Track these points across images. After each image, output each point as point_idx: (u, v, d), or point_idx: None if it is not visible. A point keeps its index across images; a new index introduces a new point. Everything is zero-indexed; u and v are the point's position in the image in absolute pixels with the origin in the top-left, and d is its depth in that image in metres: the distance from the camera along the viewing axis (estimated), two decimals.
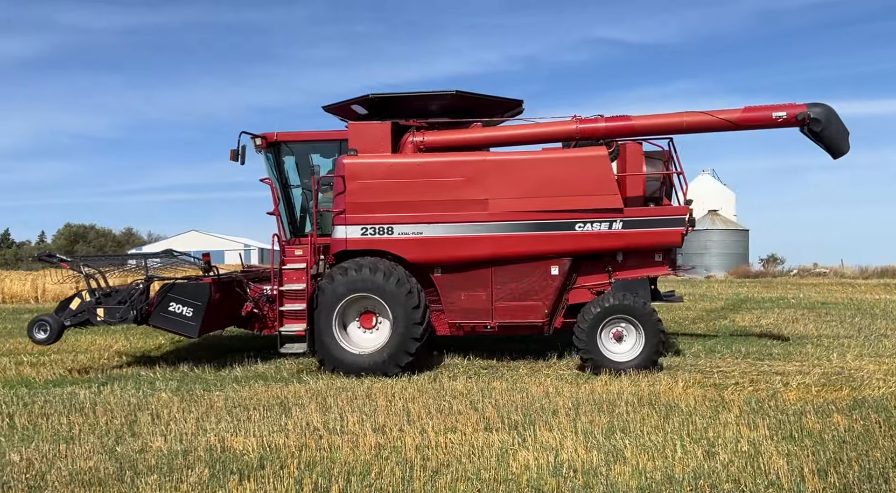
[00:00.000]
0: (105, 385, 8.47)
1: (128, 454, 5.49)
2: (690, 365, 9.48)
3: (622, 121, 9.90)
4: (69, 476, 4.87)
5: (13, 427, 6.45)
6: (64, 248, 77.08)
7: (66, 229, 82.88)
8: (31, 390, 8.34)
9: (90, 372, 9.69)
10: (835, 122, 9.69)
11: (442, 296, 9.96)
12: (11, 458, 5.33)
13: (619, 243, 9.63)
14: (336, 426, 6.26)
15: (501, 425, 6.21)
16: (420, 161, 9.92)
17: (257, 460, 5.26)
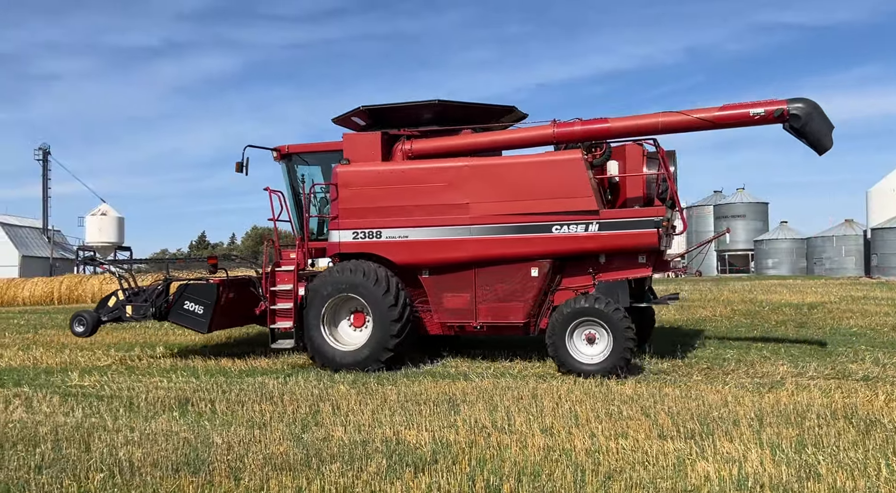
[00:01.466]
0: (290, 376, 9.14)
1: (313, 441, 5.87)
2: (893, 376, 8.52)
3: (598, 124, 9.98)
4: (263, 460, 5.30)
5: (214, 412, 7.13)
6: (251, 249, 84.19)
7: (253, 232, 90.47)
8: (228, 378, 9.17)
9: (277, 364, 10.49)
10: (817, 117, 9.40)
11: (430, 297, 10.33)
12: (215, 440, 5.90)
13: (595, 245, 9.66)
14: (504, 425, 6.30)
15: (676, 433, 5.93)
16: (405, 168, 10.32)
17: (430, 454, 5.43)
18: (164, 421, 6.72)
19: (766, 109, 9.48)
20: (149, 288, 11.25)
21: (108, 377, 9.36)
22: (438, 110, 10.77)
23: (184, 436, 6.06)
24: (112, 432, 6.27)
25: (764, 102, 9.52)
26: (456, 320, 10.28)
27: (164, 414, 7.05)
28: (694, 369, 9.33)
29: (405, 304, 9.99)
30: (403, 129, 10.81)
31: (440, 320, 10.37)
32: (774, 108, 9.46)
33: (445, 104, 10.57)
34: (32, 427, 6.48)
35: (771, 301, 20.29)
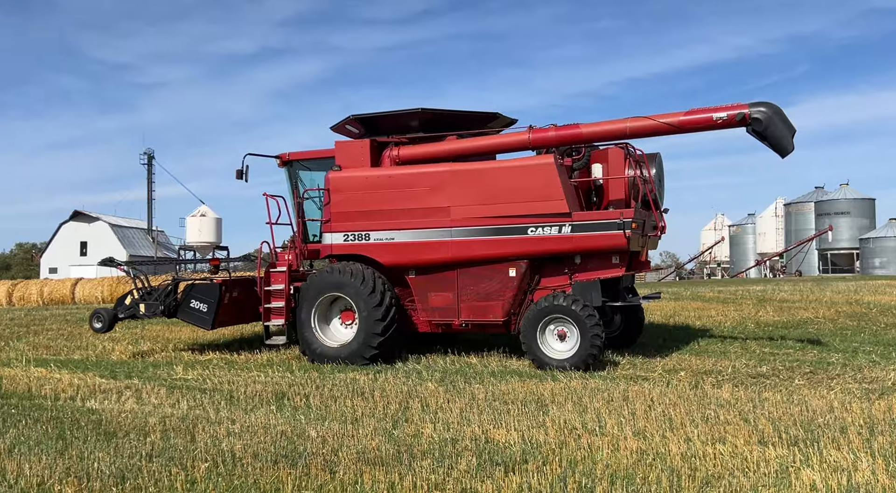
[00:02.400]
0: (380, 373, 9.31)
1: (403, 437, 5.97)
2: None
3: (571, 129, 10.38)
4: (357, 455, 5.43)
5: (309, 407, 7.36)
6: None
7: None
8: (321, 374, 9.44)
9: None
10: (778, 121, 9.54)
11: (416, 296, 10.84)
12: (310, 434, 6.09)
13: (568, 246, 9.95)
14: (594, 427, 6.20)
15: (778, 439, 5.67)
16: (391, 173, 10.83)
17: (520, 454, 5.41)
18: (262, 414, 6.99)
19: (728, 113, 9.70)
20: (159, 288, 12.05)
21: (210, 371, 9.82)
22: (425, 118, 11.24)
23: (281, 429, 6.28)
24: (215, 423, 6.58)
25: (726, 106, 9.79)
26: (440, 318, 10.74)
27: (263, 407, 7.33)
28: (795, 373, 8.90)
29: (390, 303, 10.47)
30: (392, 136, 11.30)
31: (426, 319, 10.84)
32: (736, 112, 9.65)
33: (430, 112, 11.08)
34: (143, 417, 6.88)
35: (879, 303, 19.07)
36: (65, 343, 13.67)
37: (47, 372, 9.90)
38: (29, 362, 11.13)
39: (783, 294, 22.92)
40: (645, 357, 10.40)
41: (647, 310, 18.33)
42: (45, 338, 14.49)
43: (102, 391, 8.31)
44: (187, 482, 4.85)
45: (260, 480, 4.89)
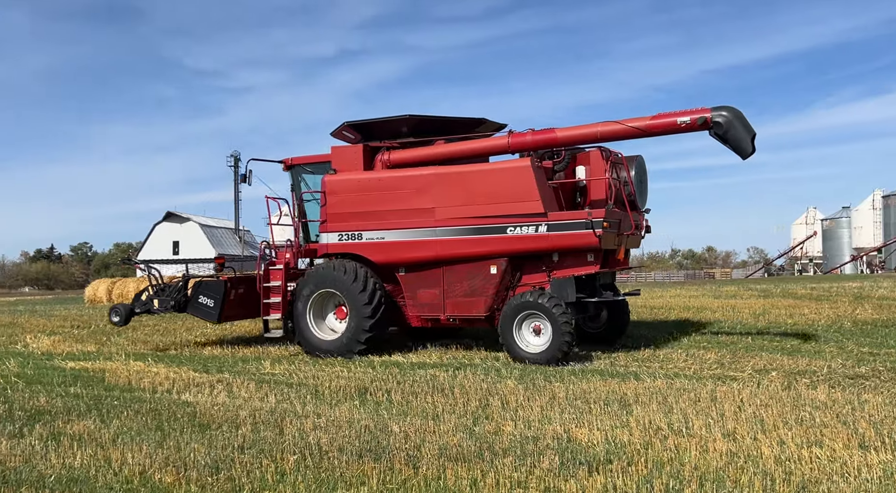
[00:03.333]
0: (459, 370, 9.36)
1: (484, 434, 5.98)
2: None
3: (547, 133, 10.78)
4: (439, 451, 5.47)
5: (391, 402, 7.48)
6: None
7: None
8: (401, 370, 9.57)
9: (445, 358, 10.79)
10: (738, 125, 9.86)
11: (405, 292, 11.44)
12: (393, 429, 6.19)
13: (545, 245, 10.41)
14: (681, 428, 6.03)
15: (881, 444, 5.36)
16: (381, 176, 11.47)
17: (603, 453, 5.33)
18: (346, 409, 7.15)
19: (691, 118, 10.03)
20: (171, 285, 12.90)
21: (296, 366, 10.11)
22: (414, 123, 11.78)
23: (364, 423, 6.41)
24: (301, 417, 6.78)
25: (690, 110, 10.11)
26: (429, 313, 11.34)
27: (346, 402, 7.50)
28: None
29: (379, 300, 11.11)
30: (384, 140, 11.95)
31: (416, 314, 11.46)
32: (698, 116, 9.99)
33: (418, 118, 11.66)
34: (234, 410, 7.16)
35: None
36: (160, 338, 14.37)
37: (145, 366, 10.44)
38: (128, 356, 11.77)
39: (882, 291, 21.63)
40: (733, 357, 10.05)
41: (735, 308, 17.72)
42: (142, 333, 15.29)
43: (196, 385, 8.70)
44: (277, 474, 5.02)
45: (346, 473, 5.01)
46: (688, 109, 10.09)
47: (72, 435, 6.22)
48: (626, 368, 9.46)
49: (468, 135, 11.83)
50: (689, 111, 10.07)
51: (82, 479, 4.97)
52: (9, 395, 8.31)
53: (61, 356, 12.09)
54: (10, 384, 9.14)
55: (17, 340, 14.88)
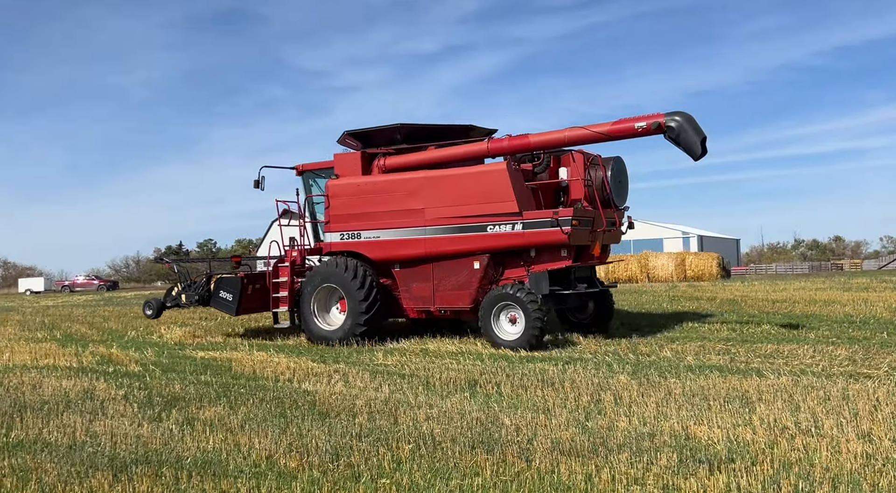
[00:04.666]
0: (568, 364, 9.26)
1: (598, 430, 5.90)
2: None
3: (521, 139, 11.76)
4: (551, 445, 5.45)
5: (501, 395, 7.51)
6: None
7: None
8: (510, 363, 9.58)
9: (554, 353, 10.71)
10: (689, 129, 10.58)
11: (401, 287, 12.45)
12: (504, 421, 6.22)
13: (520, 242, 11.30)
14: (809, 427, 5.70)
15: None
16: (377, 180, 12.60)
17: (725, 452, 5.12)
18: (457, 400, 7.24)
19: (647, 123, 10.88)
20: (196, 281, 14.00)
21: (407, 358, 10.35)
22: (406, 131, 12.76)
23: (475, 415, 6.47)
24: (414, 407, 6.93)
25: (646, 116, 10.97)
26: (422, 305, 12.33)
27: (457, 394, 7.60)
28: None
29: (374, 294, 12.15)
30: (381, 147, 12.98)
31: (411, 306, 12.45)
32: (653, 121, 10.82)
33: (409, 126, 12.68)
34: (350, 400, 7.42)
35: None
36: (280, 330, 15.08)
37: (267, 356, 11.01)
38: (252, 347, 12.45)
39: None
40: (866, 353, 9.38)
41: (867, 302, 16.51)
42: (262, 324, 16.11)
43: (315, 375, 9.08)
44: (394, 462, 5.16)
45: (459, 464, 5.08)
46: (644, 115, 11.03)
47: (204, 420, 6.66)
48: (746, 364, 9.04)
49: (457, 141, 12.68)
50: (645, 117, 10.98)
51: (215, 462, 5.31)
52: (148, 382, 9.00)
53: (192, 346, 12.95)
54: (148, 372, 9.90)
55: (153, 331, 16.07)
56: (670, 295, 22.75)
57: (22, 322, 20.32)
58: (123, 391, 8.28)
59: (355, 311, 12.18)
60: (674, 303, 19.38)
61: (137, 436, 6.10)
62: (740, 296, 20.94)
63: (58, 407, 7.41)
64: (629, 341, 11.37)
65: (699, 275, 40.81)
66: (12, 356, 12.11)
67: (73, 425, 6.57)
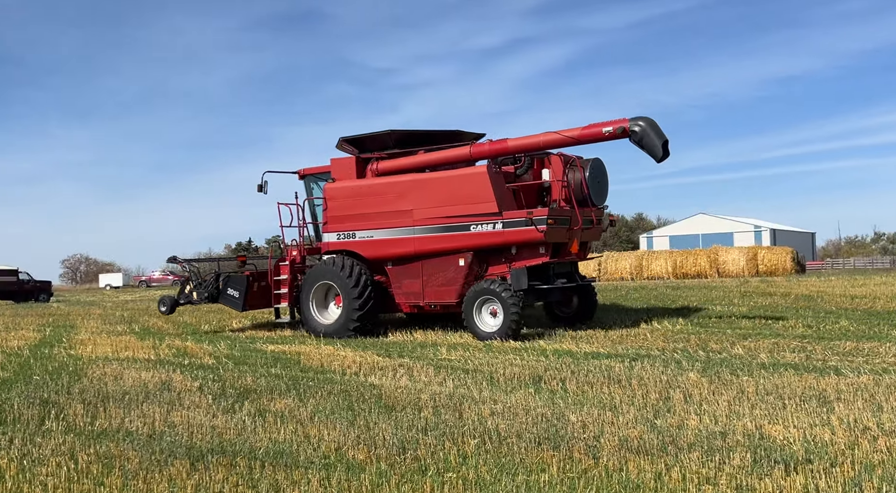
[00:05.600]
0: (635, 361, 9.10)
1: (666, 428, 5.78)
2: None
3: (500, 143, 12.47)
4: (618, 442, 5.37)
5: (566, 391, 7.44)
6: None
7: None
8: (575, 359, 9.49)
9: (619, 349, 10.55)
10: (651, 133, 11.20)
11: (393, 283, 13.23)
12: (570, 418, 6.16)
13: (501, 240, 11.99)
14: (893, 428, 5.45)
15: None
16: (371, 183, 13.40)
17: (802, 452, 4.94)
18: (521, 396, 7.22)
19: (613, 127, 11.52)
20: (207, 279, 14.91)
21: (470, 353, 10.38)
22: (397, 137, 13.51)
23: (540, 411, 6.44)
24: (479, 402, 6.95)
25: (612, 121, 11.61)
26: (413, 300, 13.08)
27: (521, 389, 7.57)
28: None
29: (367, 290, 12.90)
30: (375, 152, 13.72)
31: (403, 301, 13.20)
32: (618, 126, 11.48)
33: (400, 132, 13.50)
34: (415, 394, 7.50)
35: None
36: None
37: (334, 350, 11.23)
38: (319, 341, 12.71)
39: None
40: None
41: None
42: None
43: (380, 368, 9.21)
44: (459, 456, 5.19)
45: (525, 459, 5.07)
46: (611, 120, 11.65)
47: (275, 412, 6.84)
48: (823, 362, 8.70)
49: (444, 146, 13.32)
50: (612, 122, 11.61)
51: (287, 452, 5.45)
52: (221, 374, 9.31)
53: (262, 340, 13.33)
54: (221, 365, 10.25)
55: (225, 325, 16.60)
56: (741, 291, 22.06)
57: (103, 316, 21.33)
58: (198, 383, 8.59)
59: (350, 307, 12.95)
60: (745, 299, 18.79)
61: (212, 427, 6.32)
62: (816, 292, 20.14)
63: (138, 398, 7.75)
64: (699, 338, 11.09)
65: (772, 270, 39.45)
66: (95, 349, 12.73)
67: (153, 415, 6.86)
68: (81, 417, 6.90)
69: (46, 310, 27.32)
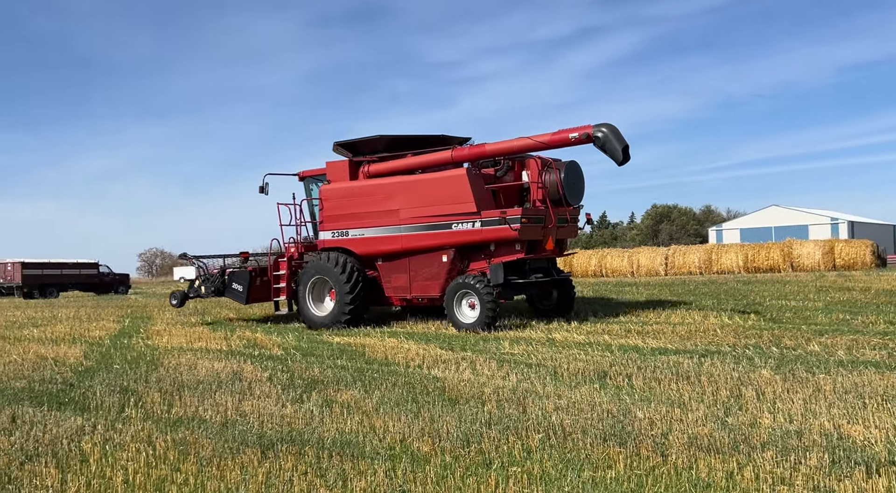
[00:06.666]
0: (704, 357, 8.86)
1: (738, 426, 5.61)
2: None
3: (479, 147, 13.35)
4: (687, 440, 5.24)
5: (632, 387, 7.31)
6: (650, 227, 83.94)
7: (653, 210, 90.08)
8: (641, 355, 9.31)
9: (687, 345, 10.29)
10: (612, 138, 12.14)
11: (383, 278, 14.19)
12: (636, 414, 6.05)
13: (479, 237, 12.85)
14: None
15: None
16: (362, 185, 14.37)
17: (885, 454, 4.72)
18: (586, 391, 7.14)
19: (579, 133, 12.34)
20: (213, 275, 16.16)
21: (533, 348, 10.32)
22: (387, 141, 14.49)
23: (606, 407, 6.34)
24: (543, 397, 6.90)
25: (578, 127, 12.42)
26: (401, 294, 14.05)
27: (586, 385, 7.49)
28: None
29: (358, 285, 13.83)
30: (366, 155, 14.75)
31: (392, 295, 14.17)
32: (583, 132, 12.29)
33: (388, 137, 14.40)
34: (478, 387, 7.51)
35: None
36: (410, 316, 15.51)
37: (398, 342, 11.35)
38: (384, 333, 12.88)
39: None
40: None
41: None
42: (390, 312, 16.63)
43: (443, 362, 9.26)
44: (524, 451, 5.17)
45: (591, 455, 5.01)
46: (577, 127, 12.44)
47: (341, 403, 6.97)
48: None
49: (430, 149, 14.14)
50: (578, 128, 12.41)
51: (353, 443, 5.55)
52: (289, 365, 9.54)
53: (328, 332, 13.59)
54: (289, 356, 10.50)
55: (293, 317, 16.99)
56: (817, 285, 21.21)
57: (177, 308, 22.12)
58: (268, 373, 8.84)
59: (341, 300, 13.86)
60: (821, 294, 18.05)
61: (282, 416, 6.49)
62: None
63: (211, 387, 8.03)
64: (772, 334, 10.72)
65: (850, 264, 37.74)
66: (170, 339, 13.25)
67: (225, 404, 7.09)
68: (158, 404, 7.20)
69: (125, 302, 28.60)
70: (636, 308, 15.86)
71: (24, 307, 28.04)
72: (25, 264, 40.47)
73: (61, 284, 41.81)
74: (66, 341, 13.61)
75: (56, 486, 4.80)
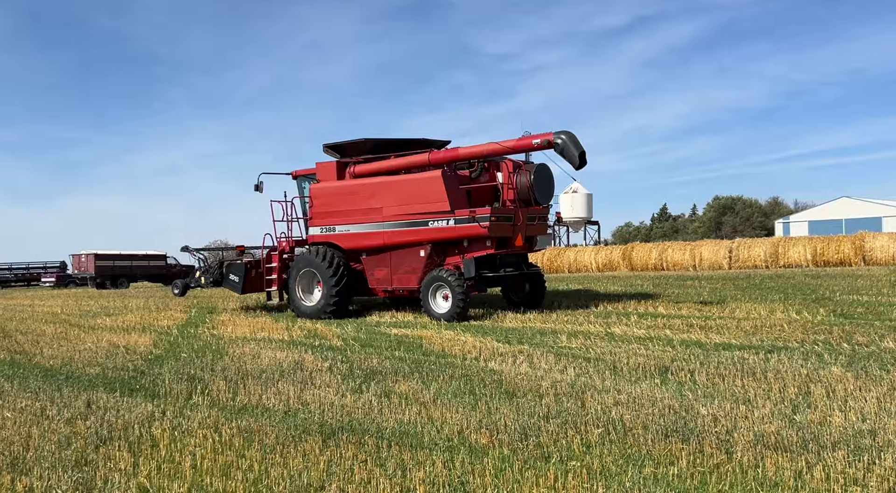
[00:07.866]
0: (771, 353, 8.60)
1: (807, 424, 5.42)
2: None
3: (453, 151, 14.57)
4: (754, 438, 5.10)
5: (695, 383, 7.15)
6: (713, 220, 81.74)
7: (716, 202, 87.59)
8: (704, 350, 9.09)
9: (753, 340, 9.99)
10: (570, 144, 13.26)
11: (367, 271, 15.22)
12: (699, 411, 5.92)
13: (453, 234, 13.96)
14: None
15: None
16: (348, 184, 15.40)
17: None
18: (646, 386, 7.01)
19: (541, 140, 13.36)
20: (213, 266, 17.36)
21: (591, 342, 10.19)
22: (372, 144, 15.60)
23: (667, 403, 6.23)
24: (602, 391, 6.82)
25: (540, 134, 13.40)
26: (384, 286, 15.05)
27: (647, 380, 7.36)
28: None
29: (343, 278, 14.85)
30: (353, 157, 15.82)
31: (375, 287, 15.19)
32: (544, 139, 13.33)
33: (373, 140, 15.53)
34: (536, 380, 7.47)
35: None
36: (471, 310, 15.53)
37: (455, 335, 11.38)
38: (440, 326, 12.94)
39: None
40: None
41: None
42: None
43: (500, 354, 9.24)
44: (583, 445, 5.12)
45: (652, 451, 4.92)
46: (539, 134, 13.41)
47: (399, 394, 7.05)
48: None
49: (411, 152, 15.08)
50: (540, 135, 13.39)
51: (411, 433, 5.60)
52: (349, 355, 9.69)
53: (386, 324, 13.74)
54: (349, 346, 10.67)
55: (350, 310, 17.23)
56: (891, 280, 20.29)
57: (240, 298, 22.74)
58: (328, 364, 9.00)
59: (328, 292, 14.91)
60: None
61: (342, 406, 6.60)
62: None
63: (273, 376, 8.23)
64: (842, 330, 10.31)
65: None
66: (234, 329, 13.63)
67: (287, 393, 7.26)
68: (224, 392, 7.42)
69: (191, 292, 29.54)
70: (699, 303, 15.49)
71: (97, 297, 29.33)
72: (99, 256, 42.28)
73: (132, 274, 43.55)
74: (137, 330, 14.17)
75: (129, 469, 5.00)
